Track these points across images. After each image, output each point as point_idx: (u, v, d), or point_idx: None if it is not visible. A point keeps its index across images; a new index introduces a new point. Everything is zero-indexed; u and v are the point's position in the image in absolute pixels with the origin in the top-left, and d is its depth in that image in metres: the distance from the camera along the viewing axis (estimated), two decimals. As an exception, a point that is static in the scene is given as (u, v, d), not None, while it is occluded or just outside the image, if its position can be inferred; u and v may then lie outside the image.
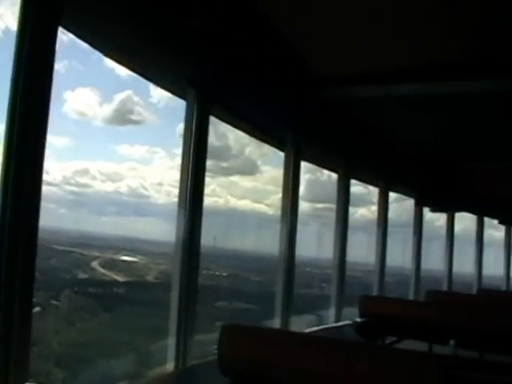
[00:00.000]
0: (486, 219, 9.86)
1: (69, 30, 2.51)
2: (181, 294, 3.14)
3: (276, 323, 4.23)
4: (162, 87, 3.40)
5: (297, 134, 4.32)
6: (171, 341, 3.13)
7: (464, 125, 5.01)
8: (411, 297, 7.21)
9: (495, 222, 10.29)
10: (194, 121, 3.22)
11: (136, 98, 10.57)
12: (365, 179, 6.47)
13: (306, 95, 3.99)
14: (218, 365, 1.96)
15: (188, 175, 3.21)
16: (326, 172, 5.64)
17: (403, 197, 7.21)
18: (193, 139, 3.22)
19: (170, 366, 3.11)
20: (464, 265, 9.58)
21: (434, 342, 3.58)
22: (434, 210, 6.99)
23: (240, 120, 3.88)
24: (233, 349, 1.99)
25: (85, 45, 2.69)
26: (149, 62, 3.01)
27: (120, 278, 9.25)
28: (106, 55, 2.93)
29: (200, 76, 3.18)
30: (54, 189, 9.47)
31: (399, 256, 7.86)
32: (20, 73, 2.06)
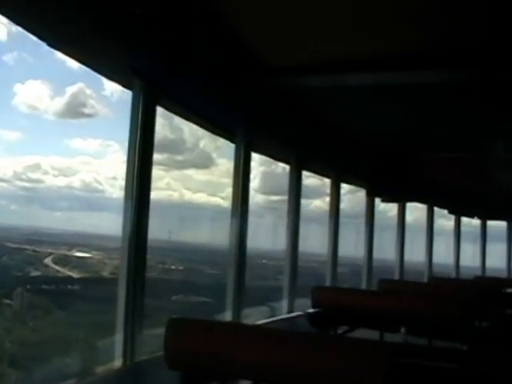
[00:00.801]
0: (437, 209, 10.08)
1: (10, 19, 2.42)
2: (128, 289, 3.07)
3: (228, 316, 4.20)
4: (108, 77, 3.30)
5: (247, 125, 4.26)
6: (119, 337, 3.05)
7: (414, 115, 5.06)
8: (364, 286, 7.28)
9: (445, 211, 10.53)
10: (141, 111, 3.13)
11: (88, 91, 10.36)
12: (317, 170, 6.48)
13: (256, 85, 3.95)
14: (165, 359, 1.93)
15: (134, 168, 3.13)
16: (280, 164, 5.62)
17: (357, 188, 7.26)
18: (139, 130, 3.14)
19: (118, 363, 3.03)
20: (416, 254, 9.77)
21: (386, 331, 3.61)
22: (385, 200, 7.06)
23: (189, 111, 3.81)
24: (180, 342, 1.96)
25: (34, 37, 2.59)
26: (93, 51, 2.90)
27: (74, 275, 9.11)
28: (50, 45, 2.81)
29: (146, 65, 3.10)
30: (4, 185, 9.24)
31: (353, 247, 7.94)
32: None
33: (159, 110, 3.28)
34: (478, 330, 5.12)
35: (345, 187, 7.68)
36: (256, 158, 4.38)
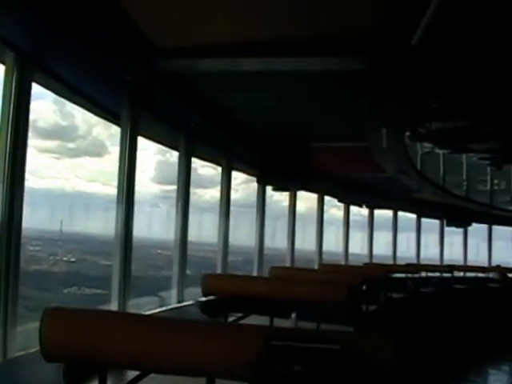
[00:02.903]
0: (329, 199, 10.39)
1: None
2: (-2, 282, 2.84)
3: (114, 307, 4.05)
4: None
5: (133, 108, 4.09)
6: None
7: (305, 104, 5.11)
8: (255, 274, 7.34)
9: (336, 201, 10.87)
10: (14, 87, 2.91)
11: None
12: (207, 158, 6.42)
13: (144, 67, 3.79)
14: (41, 352, 1.79)
15: (6, 150, 2.91)
16: (175, 154, 5.49)
17: (252, 178, 7.28)
18: (12, 108, 2.92)
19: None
20: (308, 243, 10.02)
21: (277, 316, 3.64)
22: (275, 188, 7.13)
23: (70, 90, 3.60)
24: (57, 333, 1.83)
25: None
26: None
27: None
28: None
29: (19, 36, 2.86)
30: None
31: (248, 236, 7.99)
32: None
33: (51, 94, 3.06)
34: (365, 313, 5.31)
35: (241, 177, 7.72)
36: (152, 148, 4.23)
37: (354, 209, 11.24)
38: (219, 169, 6.40)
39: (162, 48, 3.72)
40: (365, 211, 11.87)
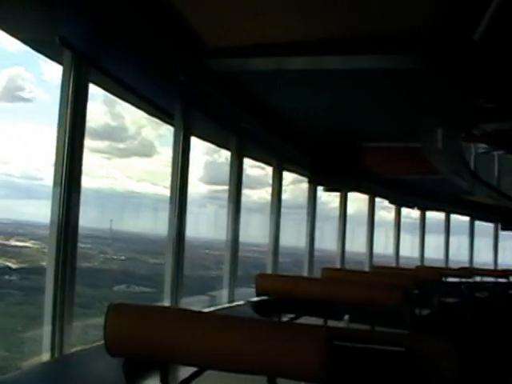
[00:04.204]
0: (378, 201, 10.24)
1: None
2: (56, 279, 2.90)
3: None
4: (36, 49, 3.06)
5: (186, 108, 4.12)
6: (47, 328, 2.90)
7: (357, 103, 5.04)
8: (305, 275, 7.29)
9: (386, 203, 10.72)
10: (71, 87, 2.94)
11: (27, 75, 9.94)
12: (258, 158, 6.41)
13: (196, 67, 3.81)
14: (105, 346, 1.83)
15: (64, 151, 2.93)
16: (223, 154, 5.53)
17: (300, 179, 7.25)
18: (70, 109, 2.95)
19: (46, 356, 2.88)
20: (357, 245, 9.93)
21: (330, 318, 3.61)
22: (326, 189, 7.08)
23: (126, 90, 3.63)
24: (120, 328, 1.87)
25: None
26: (15, 17, 2.68)
27: (12, 265, 8.90)
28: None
29: (76, 36, 2.89)
30: None
31: (295, 237, 7.97)
32: None
33: (101, 95, 3.09)
34: (418, 317, 5.20)
35: (288, 178, 7.70)
36: (199, 148, 4.26)
37: (402, 211, 11.08)
38: (267, 169, 6.40)
39: (213, 47, 3.73)
40: (414, 213, 11.68)
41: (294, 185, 8.34)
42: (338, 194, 8.37)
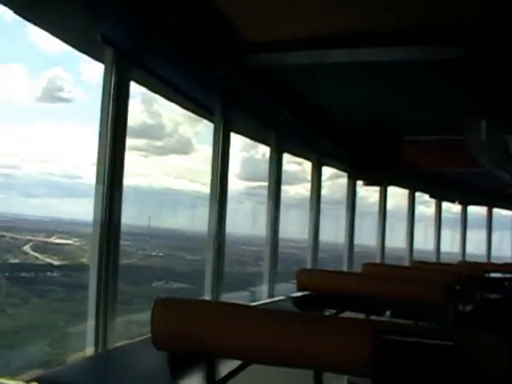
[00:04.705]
0: (417, 195, 10.08)
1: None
2: (99, 276, 2.93)
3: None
4: (77, 47, 3.07)
5: (226, 104, 4.11)
6: (91, 324, 2.93)
7: (398, 95, 4.96)
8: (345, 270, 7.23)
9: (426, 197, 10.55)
10: (113, 85, 2.95)
11: (65, 75, 10.10)
12: (297, 153, 6.37)
13: (235, 62, 3.80)
14: (152, 341, 1.87)
15: (106, 149, 2.94)
16: (260, 150, 5.50)
17: (337, 175, 7.20)
18: (111, 107, 2.95)
19: (90, 350, 2.91)
20: (395, 240, 9.82)
21: (371, 313, 3.58)
22: (366, 183, 7.00)
23: (166, 86, 3.64)
24: (167, 322, 1.90)
25: (8, 18, 2.41)
26: (58, 16, 2.70)
27: (54, 262, 9.06)
28: (16, 13, 2.61)
29: (117, 33, 2.90)
30: (-19, 172, 9.06)
31: (332, 233, 7.93)
32: None
33: (138, 94, 3.09)
34: (461, 313, 5.10)
35: (325, 174, 7.65)
36: (236, 144, 4.25)
37: (443, 205, 10.88)
38: (304, 165, 6.37)
39: (252, 42, 3.71)
40: (455, 208, 11.47)
41: (331, 180, 8.28)
42: (375, 188, 8.29)
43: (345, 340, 1.71)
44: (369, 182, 6.95)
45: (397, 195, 9.68)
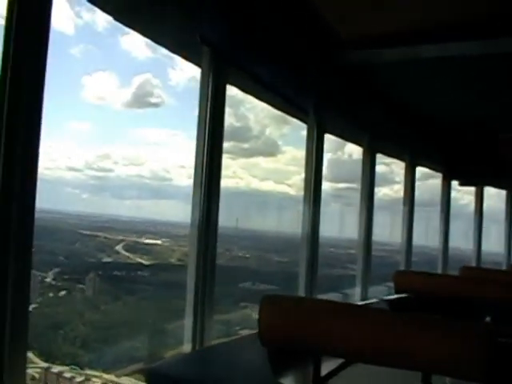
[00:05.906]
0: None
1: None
2: (197, 276, 2.99)
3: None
4: (175, 50, 3.12)
5: (319, 104, 4.06)
6: (188, 322, 2.99)
7: (497, 89, 4.72)
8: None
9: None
10: (210, 87, 2.97)
11: (155, 81, 10.42)
12: (390, 154, 6.23)
13: (327, 60, 3.75)
14: (259, 337, 1.90)
15: (204, 152, 2.98)
16: (346, 151, 5.42)
17: (427, 175, 7.00)
18: (209, 110, 2.98)
19: (187, 347, 2.98)
20: (487, 243, 9.44)
21: (471, 317, 3.45)
22: (462, 183, 6.75)
23: (260, 87, 3.64)
24: (273, 319, 1.92)
25: (100, 28, 2.50)
26: (157, 20, 2.74)
27: (144, 261, 9.31)
28: (116, 19, 2.69)
29: (215, 34, 2.92)
30: (76, 174, 9.46)
31: (423, 235, 7.71)
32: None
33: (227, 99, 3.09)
34: None
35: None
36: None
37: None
38: (392, 166, 6.23)
39: (344, 39, 3.66)
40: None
41: (421, 181, 8.07)
42: (467, 189, 8.00)
43: (457, 343, 1.65)
44: (465, 182, 6.70)
45: (489, 196, 9.31)
